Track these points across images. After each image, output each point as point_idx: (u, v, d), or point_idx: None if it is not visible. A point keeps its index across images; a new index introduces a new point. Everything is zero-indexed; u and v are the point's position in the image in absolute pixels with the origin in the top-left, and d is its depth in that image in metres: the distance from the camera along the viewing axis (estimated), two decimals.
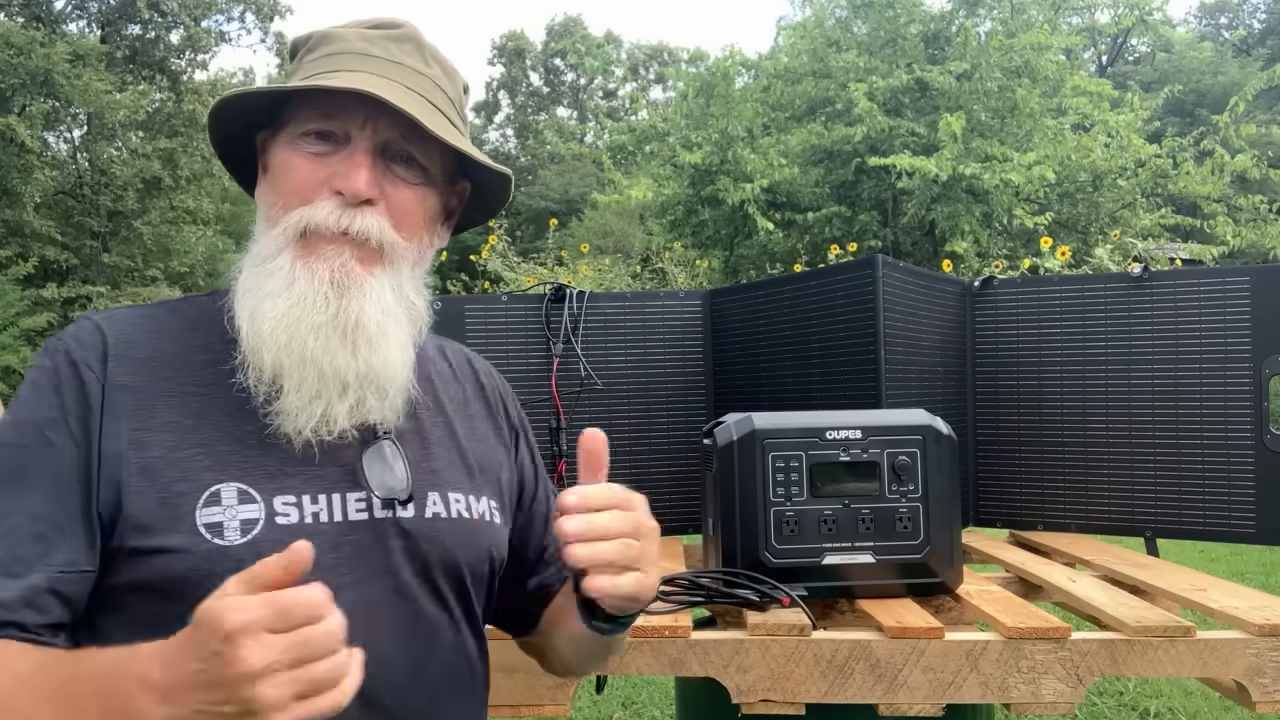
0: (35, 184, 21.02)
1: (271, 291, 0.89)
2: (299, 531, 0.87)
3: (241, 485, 0.87)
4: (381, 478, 0.93)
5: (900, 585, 1.48)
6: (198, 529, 0.84)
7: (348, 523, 0.90)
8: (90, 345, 0.88)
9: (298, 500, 0.88)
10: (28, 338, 19.18)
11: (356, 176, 0.91)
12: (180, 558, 0.83)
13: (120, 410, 0.86)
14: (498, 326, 1.97)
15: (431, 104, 0.96)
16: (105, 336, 0.89)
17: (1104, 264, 6.40)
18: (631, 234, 19.38)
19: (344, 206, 0.91)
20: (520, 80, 41.61)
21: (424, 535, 0.94)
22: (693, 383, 2.08)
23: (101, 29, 25.62)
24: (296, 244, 0.91)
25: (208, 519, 0.84)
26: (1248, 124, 9.42)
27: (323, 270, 0.90)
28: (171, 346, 0.92)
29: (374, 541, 0.91)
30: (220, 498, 0.85)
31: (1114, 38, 22.67)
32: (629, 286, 9.49)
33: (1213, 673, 1.31)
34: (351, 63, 0.95)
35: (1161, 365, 1.86)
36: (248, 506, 0.86)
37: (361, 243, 0.92)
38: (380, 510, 0.92)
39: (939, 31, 9.14)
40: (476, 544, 0.99)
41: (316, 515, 0.89)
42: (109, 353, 0.88)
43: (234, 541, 0.84)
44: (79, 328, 0.91)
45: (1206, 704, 3.45)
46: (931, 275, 2.00)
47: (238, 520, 0.85)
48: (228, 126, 1.00)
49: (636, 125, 10.51)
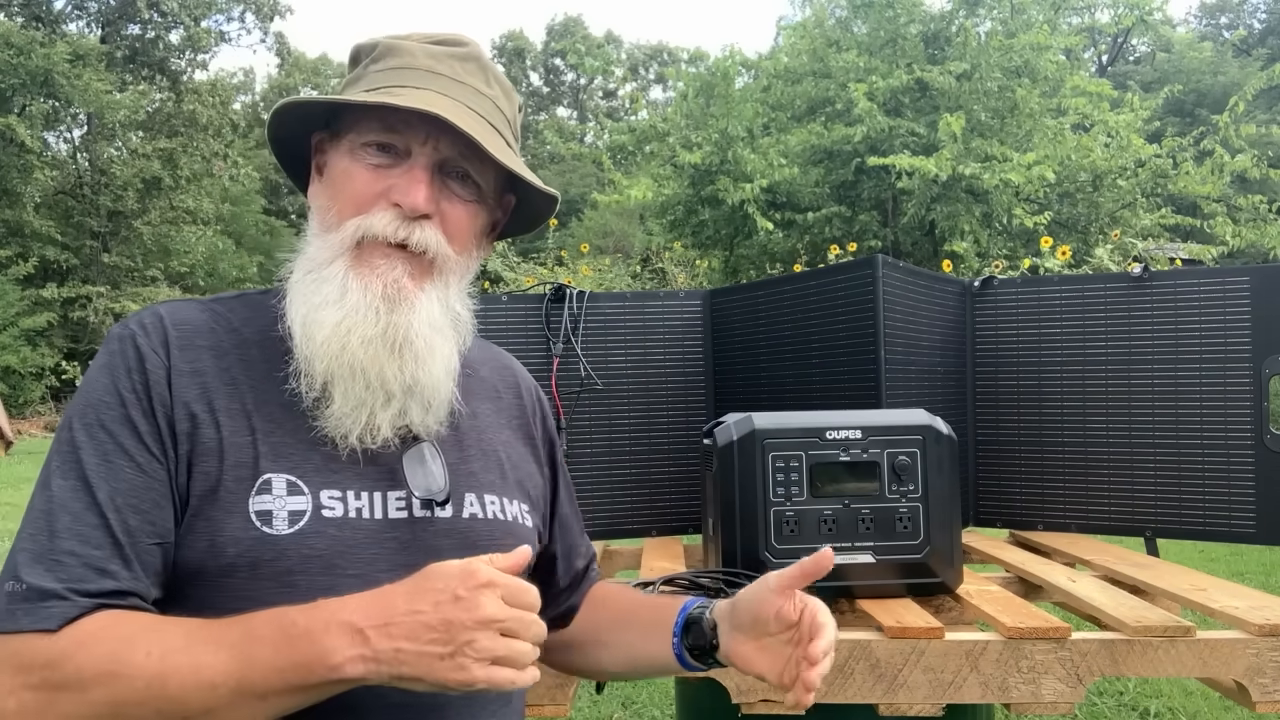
0: (35, 184, 21.01)
1: (325, 300, 0.92)
2: (343, 525, 0.90)
3: (290, 477, 0.89)
4: (421, 479, 0.96)
5: (900, 585, 1.48)
6: (249, 516, 0.86)
7: (388, 520, 0.93)
8: (155, 332, 0.91)
9: (343, 495, 0.91)
10: (28, 338, 19.18)
11: (416, 192, 0.94)
12: (229, 542, 0.85)
13: (185, 394, 0.89)
14: (498, 326, 1.97)
15: (490, 125, 1.00)
16: (167, 325, 0.92)
17: (1104, 264, 6.40)
18: (631, 234, 19.39)
19: (401, 219, 0.94)
20: (520, 80, 41.64)
21: (461, 534, 0.97)
22: (693, 383, 2.08)
23: (101, 29, 25.62)
24: (351, 253, 0.93)
25: (259, 506, 0.87)
26: (1248, 124, 9.42)
27: (375, 284, 0.93)
28: (229, 339, 0.94)
29: (413, 540, 0.94)
30: (271, 487, 0.88)
31: (1114, 38, 22.67)
32: (629, 286, 9.50)
33: (1213, 673, 1.31)
34: (418, 79, 0.97)
35: (1161, 365, 1.86)
36: (296, 498, 0.88)
37: (417, 255, 0.95)
38: (419, 510, 0.95)
39: (939, 31, 9.14)
40: (511, 544, 0.98)
41: (360, 511, 0.91)
42: (171, 340, 0.91)
43: (281, 531, 0.87)
44: (143, 316, 0.94)
45: (1206, 704, 3.45)
46: (931, 275, 2.00)
47: (286, 510, 0.87)
48: (286, 127, 1.02)
49: (636, 125, 10.51)
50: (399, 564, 0.91)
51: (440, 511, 0.96)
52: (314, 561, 0.87)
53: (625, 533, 2.02)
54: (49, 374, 19.30)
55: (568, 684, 1.34)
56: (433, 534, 0.95)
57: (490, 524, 1.00)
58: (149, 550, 0.85)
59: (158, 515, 0.86)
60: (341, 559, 0.88)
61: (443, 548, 0.95)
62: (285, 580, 0.86)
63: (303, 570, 0.86)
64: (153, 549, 0.85)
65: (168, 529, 0.86)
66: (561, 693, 1.35)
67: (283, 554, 0.86)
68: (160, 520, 0.86)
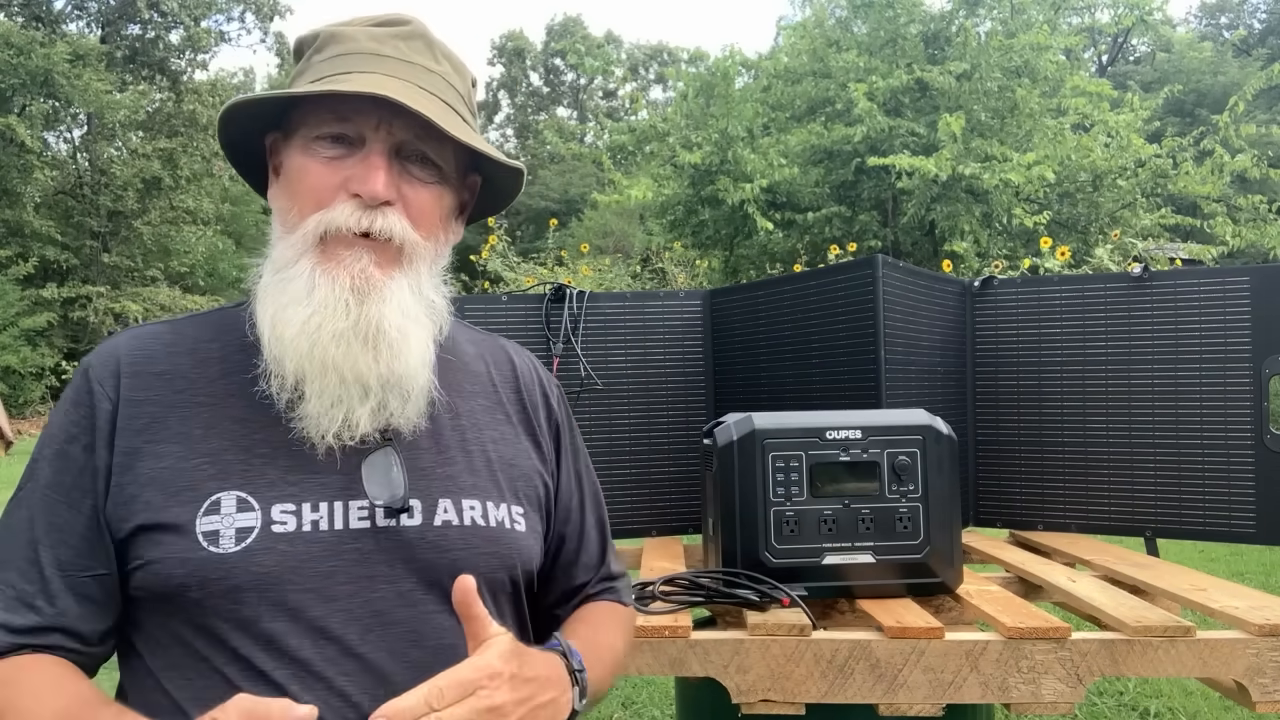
0: (35, 184, 21.01)
1: (292, 299, 0.90)
2: (294, 539, 0.87)
3: (241, 494, 0.88)
4: (380, 486, 0.92)
5: (900, 585, 1.48)
6: (196, 538, 0.86)
7: (349, 531, 0.89)
8: (108, 364, 0.93)
9: (297, 509, 0.88)
10: (28, 338, 19.18)
11: (374, 179, 0.91)
12: (178, 564, 0.85)
13: (132, 425, 0.90)
14: (498, 326, 1.97)
15: (444, 102, 0.96)
16: (121, 356, 0.93)
17: (1104, 264, 6.40)
18: (631, 234, 19.39)
19: (363, 208, 0.91)
20: (520, 80, 41.62)
21: (431, 543, 0.93)
22: (693, 383, 2.08)
23: (101, 29, 25.61)
24: (315, 249, 0.91)
25: (206, 527, 0.86)
26: (1248, 124, 9.41)
27: (343, 277, 0.90)
28: (186, 360, 0.94)
29: (375, 550, 0.90)
30: (220, 506, 0.87)
31: (1114, 38, 22.67)
32: (629, 286, 9.49)
33: (1213, 673, 1.31)
34: (363, 63, 0.94)
35: (1161, 365, 1.86)
36: (245, 515, 0.87)
37: (383, 244, 0.92)
38: (383, 519, 0.91)
39: (939, 31, 9.14)
40: (493, 551, 0.96)
41: (316, 524, 0.88)
42: (122, 370, 0.92)
43: (228, 550, 0.86)
44: (102, 347, 0.95)
45: (1206, 704, 3.45)
46: (931, 275, 2.00)
47: (233, 529, 0.86)
48: (237, 128, 0.99)
49: (636, 125, 10.50)
50: (358, 575, 0.88)
51: (408, 520, 0.92)
52: (263, 578, 0.85)
53: (625, 533, 2.02)
54: (49, 374, 19.29)
55: None
56: (398, 544, 0.91)
57: (466, 531, 0.94)
58: (83, 583, 0.88)
59: (92, 548, 0.88)
60: (294, 574, 0.86)
61: (410, 558, 0.91)
62: (234, 598, 0.85)
63: (252, 587, 0.85)
64: (88, 581, 0.88)
65: (107, 559, 0.88)
66: None
67: (229, 572, 0.85)
68: (95, 553, 0.88)
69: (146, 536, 0.87)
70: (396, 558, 0.91)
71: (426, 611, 0.91)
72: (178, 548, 0.86)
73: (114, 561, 0.88)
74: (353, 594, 0.88)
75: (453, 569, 0.91)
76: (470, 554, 0.94)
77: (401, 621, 0.89)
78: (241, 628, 0.85)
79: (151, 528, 0.87)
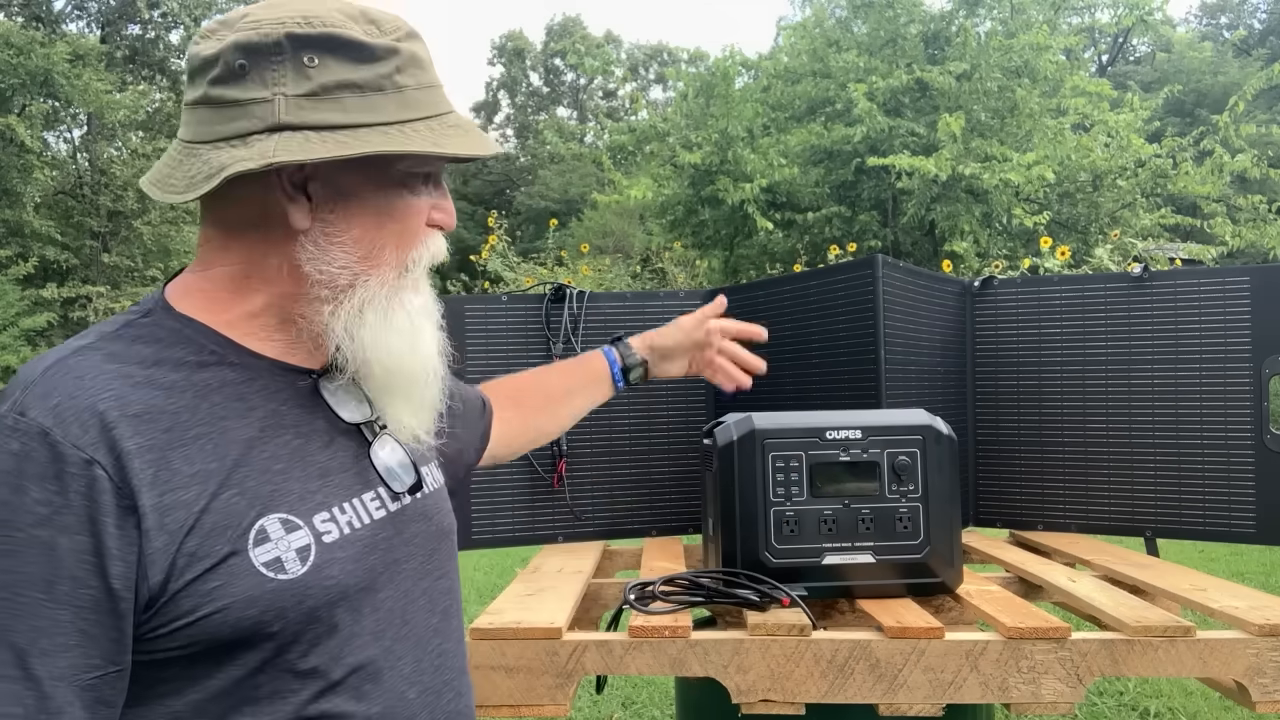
0: (35, 184, 21.01)
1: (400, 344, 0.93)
2: (344, 544, 0.88)
3: (282, 514, 0.85)
4: (395, 471, 0.98)
5: (900, 585, 1.48)
6: (258, 570, 0.81)
7: (374, 523, 0.93)
8: (79, 420, 0.77)
9: (331, 515, 0.89)
10: (28, 338, 19.18)
11: (452, 213, 0.99)
12: (247, 605, 0.80)
13: (142, 477, 0.78)
14: (498, 326, 1.97)
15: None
16: (95, 405, 0.78)
17: (1104, 264, 6.40)
18: (631, 234, 19.38)
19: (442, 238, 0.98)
20: (520, 80, 41.60)
21: (423, 514, 1.00)
22: (693, 383, 2.08)
23: (101, 29, 25.62)
24: (412, 280, 0.95)
25: (263, 557, 0.82)
26: (1248, 124, 9.41)
27: (433, 302, 0.98)
28: (152, 392, 0.82)
29: (395, 534, 0.95)
30: (268, 533, 0.83)
31: (1114, 38, 22.67)
32: (629, 286, 9.50)
33: (1213, 673, 1.31)
34: (444, 100, 0.95)
35: (1161, 365, 1.86)
36: (296, 534, 0.85)
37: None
38: (391, 503, 0.96)
39: (939, 31, 9.14)
40: (448, 507, 1.08)
41: (350, 524, 0.91)
42: (106, 421, 0.78)
43: (296, 574, 0.83)
44: (54, 402, 0.77)
45: (1206, 704, 3.45)
46: (931, 275, 2.00)
47: (292, 550, 0.84)
48: None
49: (636, 125, 10.51)
50: (389, 561, 0.93)
51: (407, 498, 0.99)
52: (333, 590, 0.86)
53: (625, 533, 2.02)
54: None
55: (568, 684, 1.34)
56: (405, 521, 0.97)
57: (437, 494, 1.05)
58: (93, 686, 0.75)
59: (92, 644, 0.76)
60: (350, 577, 0.88)
61: (415, 532, 0.98)
62: (312, 617, 0.84)
63: (325, 603, 0.85)
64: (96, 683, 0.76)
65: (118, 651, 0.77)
66: (561, 693, 1.35)
67: (305, 596, 0.83)
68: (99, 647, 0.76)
69: (198, 587, 0.79)
70: (409, 536, 0.97)
71: (435, 578, 1.00)
72: (241, 586, 0.80)
73: (128, 651, 0.78)
74: (390, 580, 0.93)
75: (441, 530, 1.03)
76: (444, 514, 1.05)
77: (425, 593, 0.97)
78: (313, 648, 0.84)
79: (202, 576, 0.79)
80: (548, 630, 1.35)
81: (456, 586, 1.06)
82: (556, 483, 1.98)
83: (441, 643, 0.98)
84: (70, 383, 0.79)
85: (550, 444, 1.99)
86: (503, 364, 1.95)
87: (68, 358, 0.82)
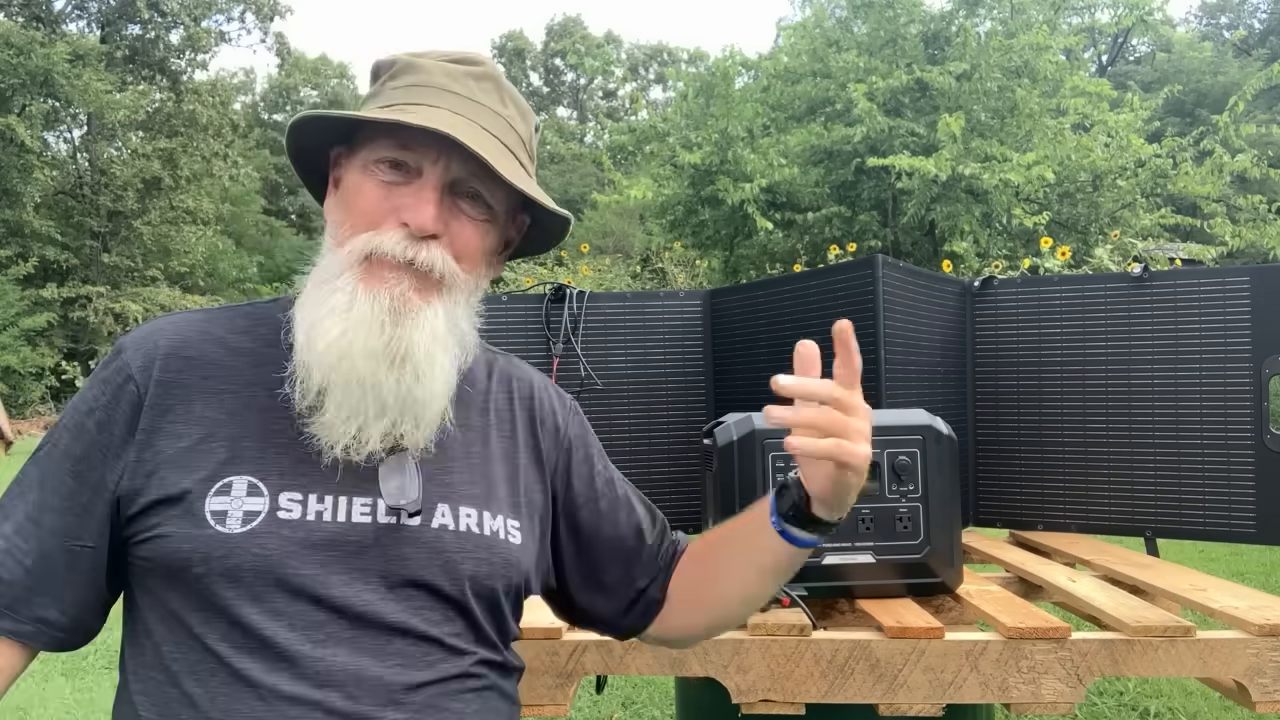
0: (35, 184, 21.02)
1: (330, 311, 0.93)
2: (297, 526, 0.91)
3: (252, 479, 0.92)
4: (395, 487, 0.96)
5: (900, 585, 1.48)
6: (204, 515, 0.90)
7: (350, 524, 0.93)
8: (142, 345, 0.97)
9: (303, 498, 0.92)
10: (27, 338, 19.19)
11: (424, 213, 0.94)
12: (183, 539, 0.89)
13: (158, 405, 0.94)
14: (498, 326, 1.97)
15: (504, 145, 1.00)
16: (158, 340, 0.97)
17: (1104, 264, 6.40)
18: (631, 234, 19.39)
19: (410, 238, 0.94)
20: (520, 80, 41.61)
21: (426, 544, 0.96)
22: (693, 383, 2.08)
23: (101, 29, 25.62)
24: (359, 266, 0.94)
25: (215, 507, 0.90)
26: (1247, 124, 9.41)
27: (383, 296, 0.93)
28: (218, 349, 0.98)
29: (373, 543, 0.93)
30: (231, 489, 0.91)
31: (1114, 38, 22.67)
32: (629, 286, 9.50)
33: (1213, 673, 1.31)
34: (433, 97, 0.98)
35: (1161, 365, 1.86)
36: (254, 499, 0.91)
37: (424, 274, 0.95)
38: (385, 517, 0.95)
39: (939, 31, 9.13)
40: (484, 558, 0.99)
41: (320, 514, 0.92)
42: (159, 353, 0.96)
43: (233, 530, 0.89)
44: (141, 330, 1.00)
45: (1206, 704, 3.45)
46: (931, 275, 2.00)
47: (241, 511, 0.90)
48: (306, 138, 1.02)
49: (636, 125, 10.51)
50: (354, 567, 0.92)
51: (407, 520, 0.95)
52: (262, 559, 0.89)
53: None
54: (49, 374, 19.31)
55: (568, 684, 1.35)
56: (395, 540, 0.94)
57: (461, 537, 0.97)
58: (73, 551, 0.93)
59: (85, 520, 0.93)
60: (292, 558, 0.90)
61: (406, 555, 0.94)
62: (234, 576, 0.88)
63: (251, 568, 0.89)
64: (77, 550, 0.93)
65: (98, 534, 0.94)
66: (561, 693, 1.35)
67: (232, 551, 0.88)
68: (87, 526, 0.93)
69: (159, 510, 0.90)
70: (392, 554, 0.94)
71: (415, 607, 0.94)
72: (187, 523, 0.89)
73: (105, 538, 0.93)
74: (346, 583, 0.91)
75: (446, 570, 0.96)
76: (462, 557, 0.97)
77: (389, 614, 0.93)
78: (236, 607, 0.88)
79: (164, 502, 0.90)
80: (547, 630, 1.35)
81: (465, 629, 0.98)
82: None
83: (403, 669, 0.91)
84: (162, 325, 1.00)
85: None
86: None
87: (183, 311, 1.04)
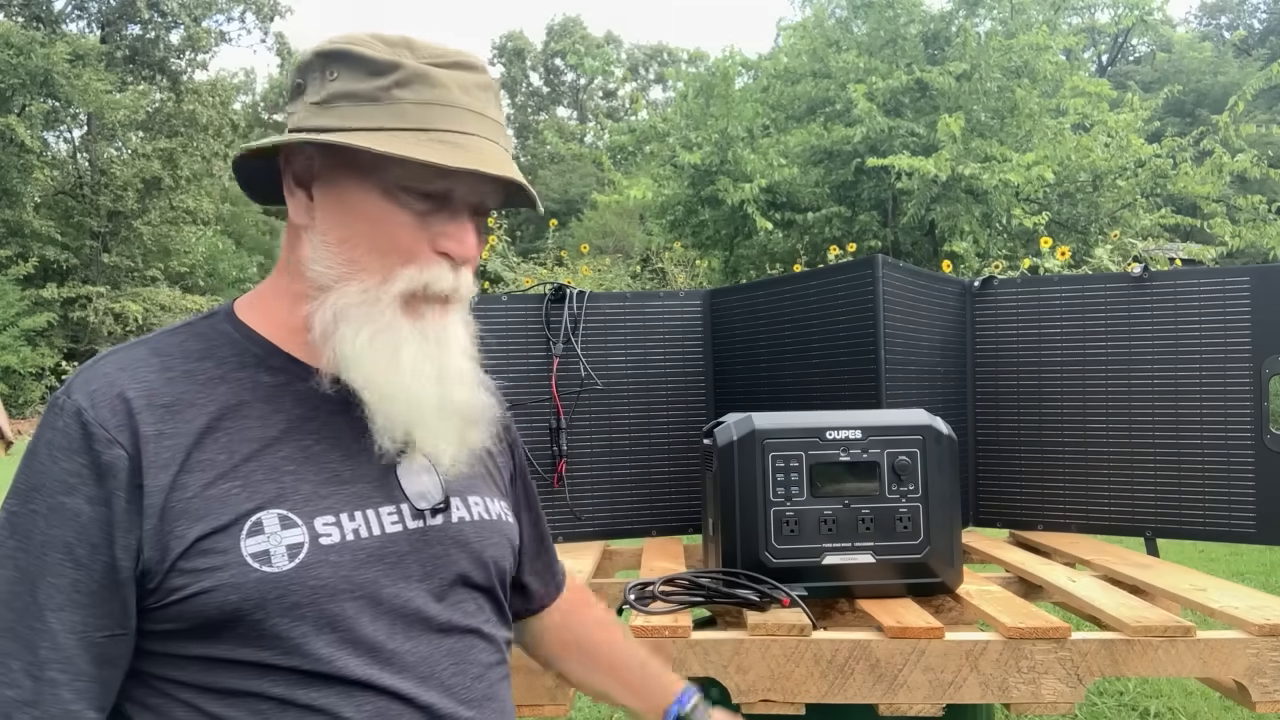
0: (35, 184, 21.02)
1: (390, 364, 0.91)
2: (343, 549, 0.89)
3: (281, 511, 0.88)
4: (417, 488, 0.96)
5: (900, 585, 1.48)
6: (245, 560, 0.85)
7: (385, 535, 0.92)
8: (108, 404, 0.86)
9: (337, 520, 0.90)
10: (28, 338, 19.20)
11: (469, 243, 0.93)
12: (229, 590, 0.84)
13: (157, 461, 0.85)
14: (498, 326, 1.97)
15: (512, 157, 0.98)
16: (124, 392, 0.87)
17: (1104, 264, 6.40)
18: (631, 234, 19.38)
19: (453, 269, 0.93)
20: (520, 80, 41.62)
21: (453, 538, 0.97)
22: (693, 383, 2.08)
23: (101, 29, 25.63)
24: (402, 301, 0.92)
25: (253, 549, 0.85)
26: (1248, 124, 9.40)
27: (431, 331, 0.93)
28: (186, 386, 0.90)
29: (410, 551, 0.94)
30: (263, 526, 0.86)
31: (1114, 38, 22.66)
32: (629, 286, 9.50)
33: (1213, 673, 1.31)
34: (458, 121, 0.92)
35: (1161, 365, 1.86)
36: (291, 531, 0.87)
37: (457, 299, 0.95)
38: (412, 520, 0.95)
39: (939, 32, 9.13)
40: (500, 541, 1.03)
41: (356, 532, 0.91)
42: (133, 408, 0.86)
43: (282, 568, 0.86)
44: (90, 385, 0.88)
45: (1206, 704, 3.45)
46: (931, 275, 2.00)
47: (283, 546, 0.86)
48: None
49: (636, 125, 10.50)
50: (399, 577, 0.92)
51: (432, 519, 0.96)
52: (320, 591, 0.87)
53: (625, 533, 2.02)
54: (49, 374, 19.31)
55: (567, 685, 1.34)
56: (427, 542, 0.95)
57: (478, 525, 1.00)
58: (101, 645, 0.83)
59: (107, 608, 0.83)
60: (345, 583, 0.88)
61: (437, 554, 0.95)
62: (295, 614, 0.85)
63: (310, 602, 0.86)
64: (104, 643, 0.84)
65: (124, 618, 0.84)
66: (561, 693, 1.35)
67: (288, 590, 0.85)
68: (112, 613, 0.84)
69: (189, 567, 0.84)
70: (427, 556, 0.95)
71: (456, 601, 0.96)
72: (228, 574, 0.84)
73: (132, 619, 0.85)
74: (395, 595, 0.91)
75: (475, 560, 0.99)
76: (485, 545, 1.00)
77: (437, 615, 0.94)
78: (303, 644, 0.86)
79: (192, 556, 0.84)
80: None
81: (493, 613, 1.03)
82: (556, 483, 1.98)
83: (458, 666, 0.95)
84: (112, 372, 0.88)
85: (550, 444, 1.99)
86: (502, 364, 1.95)
87: (120, 350, 0.92)
